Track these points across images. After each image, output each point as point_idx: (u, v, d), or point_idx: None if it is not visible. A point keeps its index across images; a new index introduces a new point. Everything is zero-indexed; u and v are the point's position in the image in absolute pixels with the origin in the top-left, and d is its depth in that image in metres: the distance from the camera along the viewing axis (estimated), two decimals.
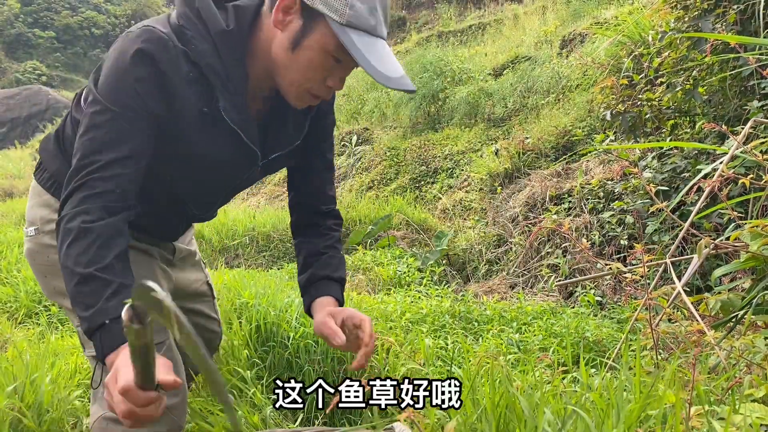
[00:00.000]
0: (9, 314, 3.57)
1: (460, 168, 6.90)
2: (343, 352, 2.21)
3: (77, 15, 24.23)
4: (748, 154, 1.86)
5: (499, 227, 5.08)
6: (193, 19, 1.17)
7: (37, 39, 23.07)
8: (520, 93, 7.33)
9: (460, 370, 1.94)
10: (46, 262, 1.39)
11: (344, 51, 1.13)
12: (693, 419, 1.14)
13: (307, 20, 1.14)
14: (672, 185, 3.47)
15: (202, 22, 1.17)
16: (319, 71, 1.20)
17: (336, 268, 1.52)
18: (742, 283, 1.83)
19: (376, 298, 3.35)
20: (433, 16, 14.91)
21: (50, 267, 1.38)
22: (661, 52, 3.83)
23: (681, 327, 1.87)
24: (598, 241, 3.97)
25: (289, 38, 1.17)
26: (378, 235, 5.86)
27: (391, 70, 1.15)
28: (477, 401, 1.46)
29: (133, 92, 1.13)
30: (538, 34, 9.11)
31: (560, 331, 2.76)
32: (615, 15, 6.70)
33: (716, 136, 3.31)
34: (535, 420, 1.20)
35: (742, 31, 3.15)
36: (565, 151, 5.70)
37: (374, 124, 9.19)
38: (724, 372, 1.57)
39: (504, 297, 4.04)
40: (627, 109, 3.84)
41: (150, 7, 25.66)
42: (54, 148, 1.39)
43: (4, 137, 18.39)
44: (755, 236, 1.58)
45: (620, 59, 4.85)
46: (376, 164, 8.01)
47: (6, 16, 23.09)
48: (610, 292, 3.66)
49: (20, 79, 21.32)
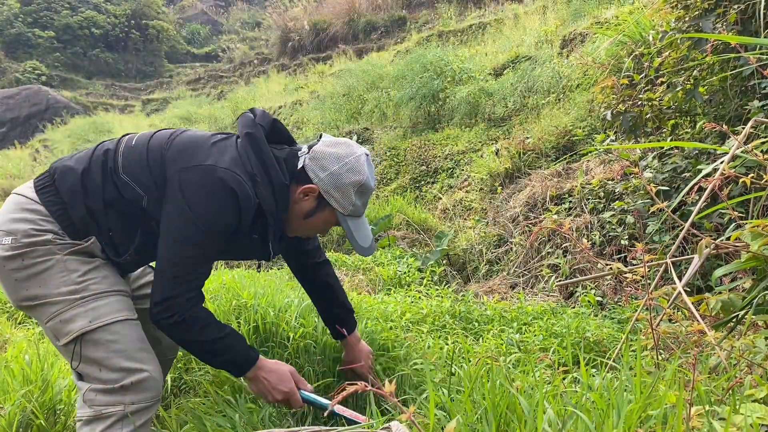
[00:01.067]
0: (9, 314, 3.57)
1: (460, 168, 6.90)
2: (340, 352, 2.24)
3: (77, 15, 24.17)
4: (749, 153, 1.86)
5: (500, 227, 5.08)
6: (261, 170, 1.62)
7: (37, 39, 23.02)
8: (521, 93, 7.32)
9: (460, 370, 1.94)
10: (19, 267, 1.58)
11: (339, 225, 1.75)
12: (693, 419, 1.14)
13: (319, 203, 1.72)
14: (673, 185, 3.46)
15: (268, 175, 1.64)
16: (315, 232, 1.86)
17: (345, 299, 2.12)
18: (743, 283, 1.83)
19: (377, 298, 3.35)
20: (433, 15, 14.90)
21: (22, 271, 1.58)
22: (662, 51, 3.82)
23: (681, 327, 1.87)
24: (598, 241, 3.96)
25: (304, 210, 1.73)
26: (378, 235, 5.86)
27: (366, 241, 1.78)
28: (477, 401, 1.46)
29: (222, 219, 1.59)
30: (539, 33, 9.10)
31: (561, 332, 2.76)
32: (615, 15, 6.69)
33: (717, 135, 3.31)
34: (535, 420, 1.20)
35: (742, 30, 3.15)
36: (565, 151, 5.70)
37: (374, 123, 9.18)
38: (724, 372, 1.57)
39: (504, 297, 4.03)
40: (627, 108, 3.83)
41: (150, 6, 25.62)
42: (77, 184, 1.64)
43: (4, 137, 18.37)
44: (756, 236, 1.57)
45: (621, 59, 4.84)
46: (376, 164, 8.00)
47: (6, 16, 23.05)
48: (610, 292, 3.66)
49: (20, 78, 21.28)
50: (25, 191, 1.66)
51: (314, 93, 12.35)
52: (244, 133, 1.66)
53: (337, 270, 4.67)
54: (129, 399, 1.58)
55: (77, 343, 1.57)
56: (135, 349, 1.62)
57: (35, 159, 15.53)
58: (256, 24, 27.13)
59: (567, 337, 2.61)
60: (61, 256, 1.59)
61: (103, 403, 1.57)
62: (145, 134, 1.75)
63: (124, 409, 1.57)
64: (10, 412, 1.84)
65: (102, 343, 1.58)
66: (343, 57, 14.81)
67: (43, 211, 1.61)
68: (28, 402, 1.93)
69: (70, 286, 1.58)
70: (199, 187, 1.57)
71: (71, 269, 1.60)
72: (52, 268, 1.58)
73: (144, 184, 1.65)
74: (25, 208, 1.62)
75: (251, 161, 1.62)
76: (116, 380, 1.57)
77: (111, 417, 1.56)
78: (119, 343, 1.59)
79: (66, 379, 2.12)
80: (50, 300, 1.58)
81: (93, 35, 24.05)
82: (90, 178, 1.65)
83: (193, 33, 27.65)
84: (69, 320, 1.57)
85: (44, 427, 1.91)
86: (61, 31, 23.59)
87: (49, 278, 1.58)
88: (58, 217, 1.62)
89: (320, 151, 1.69)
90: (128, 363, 1.59)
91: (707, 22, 3.28)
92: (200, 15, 29.17)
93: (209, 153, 1.62)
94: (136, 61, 24.70)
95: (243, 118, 1.72)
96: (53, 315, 1.58)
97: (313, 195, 1.70)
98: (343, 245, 6.00)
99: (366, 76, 9.97)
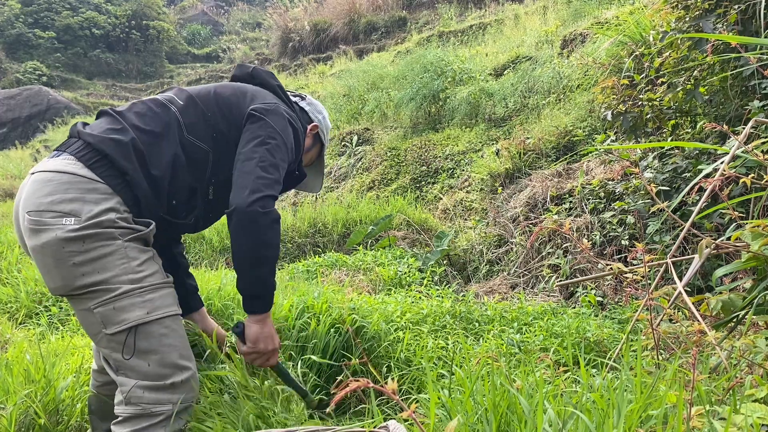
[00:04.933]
0: (9, 314, 3.57)
1: (460, 168, 6.90)
2: (344, 350, 2.25)
3: (78, 15, 24.17)
4: (749, 153, 1.86)
5: (500, 227, 5.08)
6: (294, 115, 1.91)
7: (38, 39, 23.01)
8: (521, 93, 7.33)
9: (461, 370, 1.94)
10: (79, 250, 1.50)
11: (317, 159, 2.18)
12: (694, 419, 1.14)
13: (315, 140, 2.12)
14: (673, 185, 3.46)
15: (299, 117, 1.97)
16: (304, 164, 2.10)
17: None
18: (743, 283, 1.83)
19: (377, 299, 3.35)
20: (433, 16, 14.91)
21: (82, 254, 1.50)
22: (662, 52, 3.82)
23: (682, 327, 1.87)
24: (598, 241, 3.96)
25: (306, 145, 2.04)
26: (379, 235, 5.86)
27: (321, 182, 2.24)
28: (478, 401, 1.46)
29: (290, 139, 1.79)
30: (539, 34, 9.10)
31: (561, 332, 2.76)
32: (616, 15, 6.69)
33: (717, 136, 3.31)
34: (535, 420, 1.20)
35: (743, 31, 3.15)
36: (565, 151, 5.70)
37: (375, 124, 9.18)
38: (725, 372, 1.57)
39: (505, 297, 4.03)
40: (628, 109, 3.83)
41: (150, 7, 25.63)
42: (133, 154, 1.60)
43: (5, 137, 18.38)
44: (756, 236, 1.57)
45: (621, 59, 4.84)
46: (376, 164, 8.00)
47: (6, 17, 23.05)
48: (611, 293, 3.66)
49: (21, 79, 21.28)
50: (71, 168, 1.55)
51: (315, 93, 12.35)
52: (276, 85, 1.96)
53: (337, 270, 4.67)
54: (177, 397, 1.55)
55: (130, 334, 1.52)
56: (185, 346, 1.61)
57: (36, 159, 15.54)
58: (257, 24, 27.16)
59: (567, 337, 2.61)
60: (122, 241, 1.54)
61: (152, 401, 1.53)
62: (183, 94, 1.80)
63: (172, 408, 1.54)
64: (12, 413, 1.84)
65: (155, 336, 1.54)
66: (343, 57, 14.82)
67: (103, 189, 1.54)
68: (31, 402, 1.92)
69: (129, 275, 1.53)
70: (276, 114, 1.77)
71: (131, 257, 1.55)
72: (113, 254, 1.52)
73: (209, 138, 1.73)
74: (83, 187, 1.53)
75: (288, 105, 1.93)
76: (166, 376, 1.54)
77: (160, 415, 1.53)
78: (171, 337, 1.57)
79: (68, 378, 2.11)
80: (107, 286, 1.51)
81: (94, 36, 24.06)
82: (148, 146, 1.63)
83: (193, 33, 27.67)
84: (124, 309, 1.52)
85: (47, 426, 1.91)
86: (62, 32, 23.60)
87: (110, 264, 1.52)
88: (121, 191, 1.56)
89: (311, 100, 2.13)
90: (180, 360, 1.57)
91: (707, 23, 3.28)
92: (201, 15, 29.19)
93: (265, 95, 1.86)
94: (136, 61, 24.72)
95: (262, 71, 1.99)
96: (106, 301, 1.51)
97: (312, 132, 2.07)
98: (343, 245, 6.00)
99: (366, 77, 9.97)
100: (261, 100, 1.81)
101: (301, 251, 6.14)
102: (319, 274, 4.53)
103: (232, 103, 1.79)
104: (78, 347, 2.54)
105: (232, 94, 1.81)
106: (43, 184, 1.53)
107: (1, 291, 3.81)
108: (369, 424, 1.57)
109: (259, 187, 1.62)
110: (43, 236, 1.49)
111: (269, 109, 1.78)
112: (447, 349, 2.56)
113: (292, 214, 6.77)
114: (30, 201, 1.53)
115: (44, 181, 1.54)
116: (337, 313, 2.45)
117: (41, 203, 1.51)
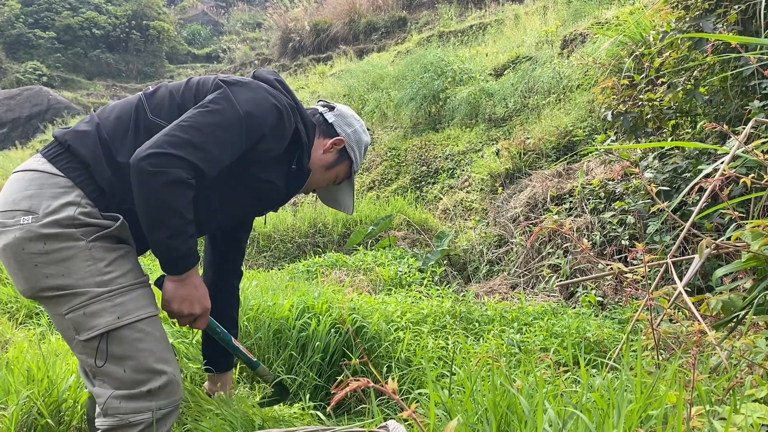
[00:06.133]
0: (9, 315, 3.57)
1: (461, 168, 6.90)
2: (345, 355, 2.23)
3: (78, 15, 24.16)
4: (750, 154, 1.86)
5: (500, 227, 5.08)
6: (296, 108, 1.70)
7: (38, 39, 23.00)
8: (521, 93, 7.32)
9: (461, 370, 1.94)
10: (40, 251, 1.43)
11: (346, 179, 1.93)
12: (694, 419, 1.14)
13: (341, 156, 1.85)
14: (673, 185, 3.46)
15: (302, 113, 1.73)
16: (324, 184, 1.91)
17: None
18: (744, 283, 1.83)
19: (377, 299, 3.35)
20: (433, 16, 14.90)
21: (44, 256, 1.44)
22: (662, 52, 3.82)
23: (682, 327, 1.87)
24: (599, 241, 3.96)
25: (328, 161, 1.84)
26: (379, 235, 5.86)
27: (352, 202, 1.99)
28: (478, 401, 1.46)
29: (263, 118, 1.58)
30: (539, 34, 9.09)
31: (561, 332, 2.76)
32: (616, 15, 6.69)
33: (717, 136, 3.31)
34: (535, 420, 1.20)
35: (743, 31, 3.15)
36: (566, 152, 5.70)
37: (375, 124, 9.18)
38: (725, 372, 1.57)
39: (505, 297, 4.03)
40: (628, 109, 3.83)
41: (150, 7, 25.63)
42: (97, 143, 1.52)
43: (5, 137, 18.37)
44: (756, 236, 1.57)
45: (621, 59, 4.84)
46: (376, 164, 8.01)
47: (6, 17, 23.04)
48: (611, 293, 3.66)
49: (21, 79, 21.27)
50: (35, 165, 1.50)
51: (315, 93, 12.35)
52: (275, 79, 1.73)
53: (337, 270, 4.67)
54: (157, 404, 1.49)
55: (102, 340, 1.45)
56: (162, 349, 1.53)
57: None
58: (257, 25, 27.15)
59: (567, 337, 2.61)
60: (85, 242, 1.46)
61: (130, 411, 1.47)
62: (156, 86, 1.68)
63: (152, 415, 1.48)
64: (14, 412, 1.84)
65: (128, 341, 1.47)
66: (343, 57, 14.81)
67: (62, 182, 1.47)
68: (33, 402, 1.92)
69: (96, 277, 1.46)
70: (245, 87, 1.60)
71: (97, 257, 1.47)
72: (77, 256, 1.45)
73: (175, 119, 1.54)
74: (42, 182, 1.47)
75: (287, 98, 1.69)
76: (142, 382, 1.48)
77: (139, 425, 1.47)
78: (145, 341, 1.50)
79: (70, 378, 2.11)
80: (74, 291, 1.44)
81: (94, 36, 24.05)
82: (112, 132, 1.54)
83: (193, 33, 27.66)
84: (94, 314, 1.45)
85: (49, 426, 1.91)
86: (62, 32, 23.60)
87: (74, 267, 1.45)
88: (82, 183, 1.48)
89: (344, 110, 1.88)
90: (156, 364, 1.50)
91: (708, 23, 3.28)
92: (201, 15, 29.19)
93: (249, 81, 1.66)
94: (136, 61, 24.71)
95: (264, 71, 1.78)
96: (76, 307, 1.45)
97: (337, 148, 1.84)
98: (344, 245, 6.00)
99: (366, 77, 9.97)
100: (235, 77, 1.65)
101: (301, 251, 6.14)
102: (319, 274, 4.53)
103: (205, 85, 1.64)
104: None
105: (206, 81, 1.66)
106: (11, 183, 1.51)
107: (1, 291, 3.81)
108: (369, 423, 1.57)
109: (161, 143, 1.42)
110: (3, 238, 1.45)
111: (237, 81, 1.61)
112: (447, 349, 2.56)
113: (292, 214, 6.77)
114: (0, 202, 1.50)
115: (13, 180, 1.51)
116: (338, 313, 2.45)
117: (6, 202, 1.47)
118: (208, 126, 1.48)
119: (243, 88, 1.59)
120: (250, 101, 1.56)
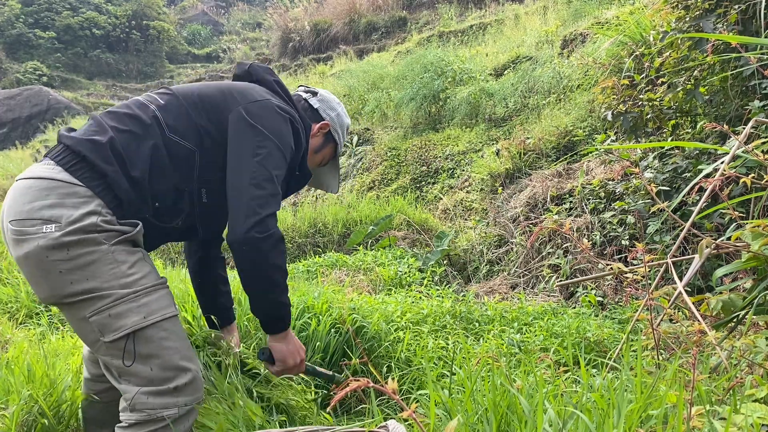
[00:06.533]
0: (10, 315, 3.57)
1: (461, 168, 6.90)
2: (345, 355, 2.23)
3: (78, 15, 24.17)
4: (750, 153, 1.86)
5: (500, 227, 5.08)
6: (293, 111, 1.80)
7: (38, 39, 23.01)
8: (521, 93, 7.33)
9: (461, 370, 1.94)
10: (65, 258, 1.46)
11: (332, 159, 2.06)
12: (694, 419, 1.14)
13: (326, 139, 1.98)
14: (673, 185, 3.46)
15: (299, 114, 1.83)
16: (314, 165, 2.01)
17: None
18: (744, 283, 1.83)
19: (377, 299, 3.35)
20: (434, 16, 14.90)
21: (68, 262, 1.46)
22: (663, 52, 3.82)
23: (682, 327, 1.87)
24: (599, 241, 3.96)
25: (315, 145, 1.96)
26: (379, 235, 5.86)
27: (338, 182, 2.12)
28: (478, 401, 1.46)
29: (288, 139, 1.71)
30: (539, 34, 9.09)
31: (561, 332, 2.76)
32: (616, 15, 6.69)
33: (717, 136, 3.31)
34: (535, 420, 1.20)
35: (743, 30, 3.15)
36: (566, 152, 5.70)
37: (375, 124, 9.18)
38: (725, 372, 1.57)
39: (505, 297, 4.03)
40: (628, 109, 3.83)
41: (150, 7, 25.63)
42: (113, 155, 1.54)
43: (5, 137, 18.38)
44: (756, 236, 1.57)
45: (621, 59, 4.84)
46: (376, 164, 8.01)
47: (6, 17, 23.05)
48: (611, 293, 3.66)
49: (21, 79, 21.28)
50: (50, 173, 1.51)
51: None
52: (273, 81, 1.84)
53: (337, 270, 4.67)
54: (182, 400, 1.54)
55: (129, 340, 1.50)
56: (185, 347, 1.59)
57: (36, 159, 15.54)
58: (257, 25, 27.17)
59: (567, 337, 2.62)
60: (108, 246, 1.49)
61: (158, 406, 1.51)
62: (166, 94, 1.71)
63: (178, 411, 1.52)
64: (15, 412, 1.84)
65: (154, 340, 1.52)
66: (343, 57, 14.81)
67: (83, 192, 1.49)
68: (34, 401, 1.92)
69: (120, 279, 1.49)
70: (267, 113, 1.69)
71: (120, 260, 1.50)
72: (100, 260, 1.48)
73: (193, 138, 1.64)
74: (62, 192, 1.48)
75: (286, 101, 1.82)
76: (169, 380, 1.52)
77: (165, 420, 1.51)
78: (171, 340, 1.54)
79: (68, 378, 2.11)
80: (99, 293, 1.47)
81: (94, 36, 24.07)
82: (126, 146, 1.56)
83: (193, 33, 27.67)
84: (120, 315, 1.48)
85: (50, 426, 1.91)
86: (62, 32, 23.61)
87: (98, 270, 1.47)
88: (101, 193, 1.51)
89: (326, 95, 1.99)
90: (182, 361, 1.55)
91: (708, 23, 3.28)
92: (201, 15, 29.20)
93: (256, 91, 1.75)
94: (137, 61, 24.72)
95: (259, 67, 1.88)
96: (101, 309, 1.48)
97: (323, 132, 1.95)
98: (344, 245, 6.00)
99: (367, 77, 9.97)
100: (250, 97, 1.71)
101: (301, 251, 6.14)
102: (319, 274, 4.53)
103: (218, 101, 1.69)
104: (78, 347, 2.54)
105: (217, 93, 1.71)
106: (24, 191, 1.50)
107: (1, 291, 3.81)
108: (369, 423, 1.57)
109: (254, 209, 1.55)
110: (25, 246, 1.46)
111: (259, 107, 1.69)
112: (447, 349, 2.56)
113: (292, 214, 6.77)
114: (12, 210, 1.49)
115: (25, 188, 1.50)
116: (338, 313, 2.45)
117: (21, 211, 1.47)
118: (272, 173, 1.62)
119: (266, 116, 1.68)
120: (277, 130, 1.68)
